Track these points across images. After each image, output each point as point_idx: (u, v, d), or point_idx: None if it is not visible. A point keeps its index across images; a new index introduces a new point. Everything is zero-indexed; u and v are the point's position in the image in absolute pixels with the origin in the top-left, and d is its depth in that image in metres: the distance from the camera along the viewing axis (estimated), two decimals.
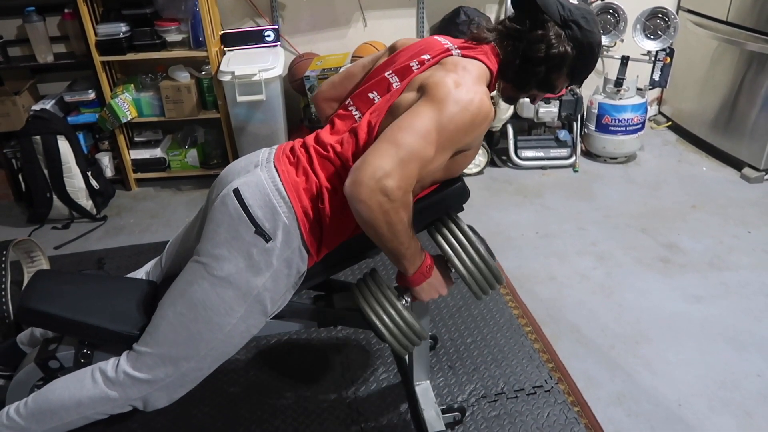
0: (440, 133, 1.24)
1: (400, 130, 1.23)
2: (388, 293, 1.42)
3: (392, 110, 1.34)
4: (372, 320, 1.41)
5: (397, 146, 1.20)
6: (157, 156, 3.27)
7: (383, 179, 1.17)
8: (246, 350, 2.07)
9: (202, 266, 1.33)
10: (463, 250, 1.41)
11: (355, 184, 1.19)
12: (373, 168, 1.18)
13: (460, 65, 1.35)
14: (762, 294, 2.33)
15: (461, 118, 1.26)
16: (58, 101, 3.09)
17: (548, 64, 1.39)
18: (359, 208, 1.20)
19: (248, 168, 1.43)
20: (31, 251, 2.39)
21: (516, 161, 3.39)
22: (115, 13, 2.96)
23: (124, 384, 1.34)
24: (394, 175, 1.18)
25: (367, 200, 1.18)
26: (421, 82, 1.33)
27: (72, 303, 1.41)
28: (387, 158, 1.19)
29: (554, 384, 1.93)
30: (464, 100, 1.26)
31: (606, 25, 3.24)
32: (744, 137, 3.24)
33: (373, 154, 1.21)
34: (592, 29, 1.40)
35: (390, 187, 1.18)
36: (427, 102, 1.27)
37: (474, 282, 1.42)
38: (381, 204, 1.19)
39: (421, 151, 1.22)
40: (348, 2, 3.39)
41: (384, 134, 1.25)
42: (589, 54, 1.42)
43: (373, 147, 1.23)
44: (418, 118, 1.24)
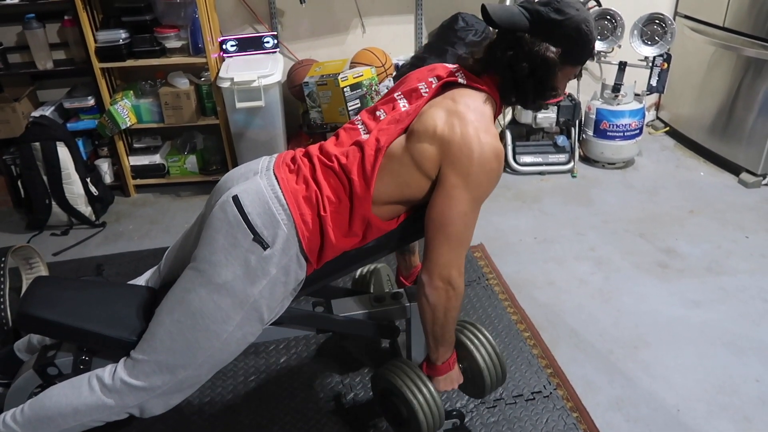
0: (476, 204, 1.37)
1: (445, 225, 1.36)
2: (423, 376, 1.53)
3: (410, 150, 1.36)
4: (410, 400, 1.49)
5: (448, 240, 1.36)
6: (156, 162, 3.28)
7: (448, 273, 1.38)
8: (244, 356, 2.07)
9: (200, 273, 1.34)
10: (483, 347, 1.61)
11: (430, 287, 1.39)
12: (439, 267, 1.37)
13: (471, 106, 1.37)
14: (760, 298, 2.33)
15: (488, 182, 1.36)
16: (57, 108, 3.10)
17: (537, 75, 1.37)
18: (429, 293, 1.40)
19: (248, 175, 1.43)
20: (29, 258, 2.39)
21: (514, 167, 3.40)
22: (114, 20, 2.98)
23: (120, 391, 1.34)
24: (453, 265, 1.38)
25: (437, 290, 1.39)
26: (435, 128, 1.34)
27: (70, 309, 1.41)
28: (444, 254, 1.37)
29: (553, 389, 1.93)
30: (486, 159, 1.33)
31: (603, 31, 3.26)
32: (741, 142, 3.25)
33: (433, 256, 1.38)
34: (569, 14, 1.34)
35: (454, 277, 1.38)
36: (457, 180, 1.33)
37: (491, 377, 1.60)
38: (447, 292, 1.39)
39: (467, 234, 1.39)
40: (347, 9, 3.41)
41: (431, 233, 1.38)
42: (579, 37, 1.36)
43: (430, 248, 1.38)
44: (455, 206, 1.35)
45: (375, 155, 1.36)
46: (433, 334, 1.46)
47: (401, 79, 1.58)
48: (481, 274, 2.51)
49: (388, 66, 3.28)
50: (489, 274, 2.51)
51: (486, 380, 1.60)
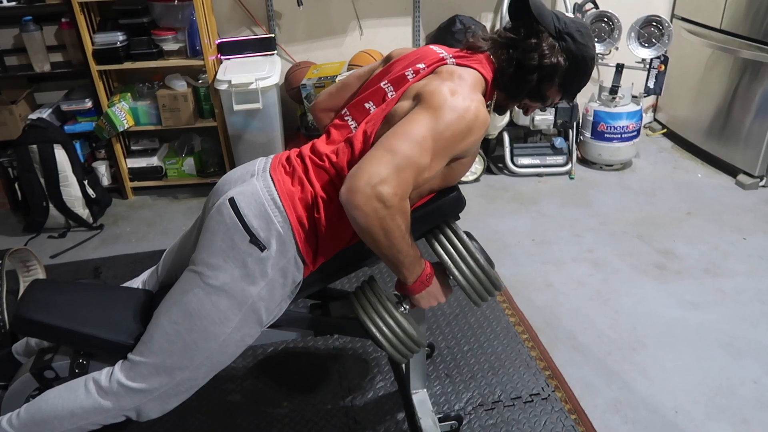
0: (436, 140, 1.24)
1: (396, 137, 1.23)
2: (385, 302, 1.42)
3: (387, 119, 1.35)
4: (370, 329, 1.41)
5: (393, 153, 1.21)
6: (154, 164, 3.28)
7: (379, 186, 1.17)
8: (242, 359, 2.07)
9: (197, 275, 1.33)
10: (461, 258, 1.40)
11: (350, 191, 1.18)
12: (369, 174, 1.18)
13: (456, 74, 1.35)
14: (758, 300, 2.34)
15: (457, 125, 1.26)
16: (54, 110, 3.10)
17: (541, 73, 1.40)
18: (355, 215, 1.20)
19: (244, 177, 1.43)
20: (27, 260, 2.38)
21: (512, 168, 3.40)
22: (112, 23, 2.98)
23: (117, 394, 1.34)
24: (389, 182, 1.18)
25: (363, 207, 1.18)
26: (416, 90, 1.33)
27: (68, 312, 1.41)
28: (383, 165, 1.19)
29: (551, 392, 1.93)
30: (460, 107, 1.27)
31: (601, 33, 3.26)
32: (738, 144, 3.25)
33: (368, 161, 1.21)
34: (586, 43, 1.42)
35: (386, 194, 1.18)
36: (422, 109, 1.27)
37: (472, 290, 1.42)
38: (377, 210, 1.18)
39: (416, 158, 1.22)
40: (344, 11, 3.41)
41: (380, 141, 1.25)
42: (582, 67, 1.43)
43: (369, 154, 1.23)
44: (414, 125, 1.24)
45: (363, 147, 1.36)
46: (384, 258, 1.29)
47: (387, 65, 1.53)
48: None
49: None
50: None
51: (471, 297, 1.43)
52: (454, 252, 1.41)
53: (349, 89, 1.60)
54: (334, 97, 1.63)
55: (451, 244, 1.42)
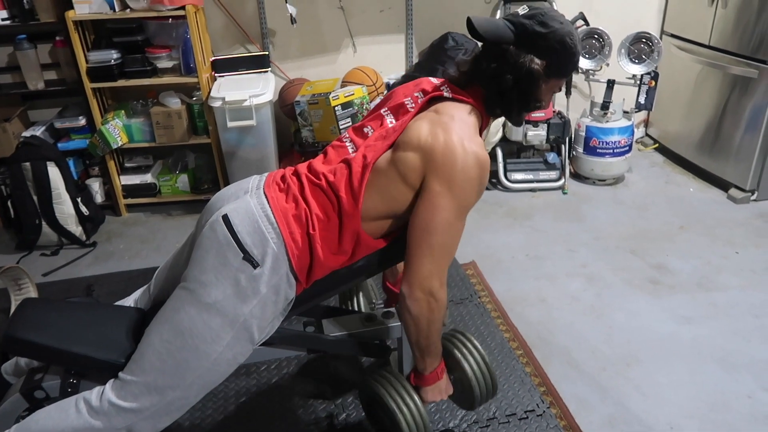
0: (460, 213, 1.35)
1: (428, 234, 1.34)
2: (408, 386, 1.51)
3: (395, 162, 1.36)
4: (394, 410, 1.47)
5: (431, 249, 1.34)
6: (148, 181, 3.27)
7: (429, 284, 1.35)
8: (235, 376, 2.05)
9: (189, 293, 1.33)
10: (472, 357, 1.57)
11: (411, 299, 1.36)
12: (420, 278, 1.35)
13: (456, 116, 1.38)
14: (751, 314, 2.34)
15: (472, 188, 1.34)
16: (48, 128, 3.10)
17: (521, 86, 1.40)
18: (410, 305, 1.37)
19: (238, 194, 1.43)
20: (18, 279, 2.37)
21: (506, 184, 3.41)
22: (106, 41, 2.99)
23: (108, 413, 1.32)
24: (435, 276, 1.35)
25: (420, 300, 1.36)
26: (419, 138, 1.34)
27: (58, 332, 1.40)
28: (427, 265, 1.34)
29: (546, 408, 1.92)
30: (470, 165, 1.32)
31: (591, 49, 3.30)
32: (729, 158, 3.28)
33: (415, 266, 1.35)
34: (552, 28, 1.36)
35: (436, 288, 1.35)
36: (441, 190, 1.32)
37: (480, 388, 1.57)
38: (429, 303, 1.37)
39: (451, 243, 1.37)
40: (337, 28, 3.44)
41: (416, 239, 1.35)
42: (563, 50, 1.39)
43: (412, 258, 1.36)
44: (439, 214, 1.33)
45: (362, 172, 1.37)
46: (417, 345, 1.45)
47: (387, 94, 1.59)
48: (473, 291, 2.51)
49: (379, 85, 3.31)
50: (481, 292, 2.51)
51: (475, 390, 1.57)
52: (467, 351, 1.58)
53: None
54: None
55: (462, 344, 1.59)
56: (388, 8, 3.44)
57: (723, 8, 3.18)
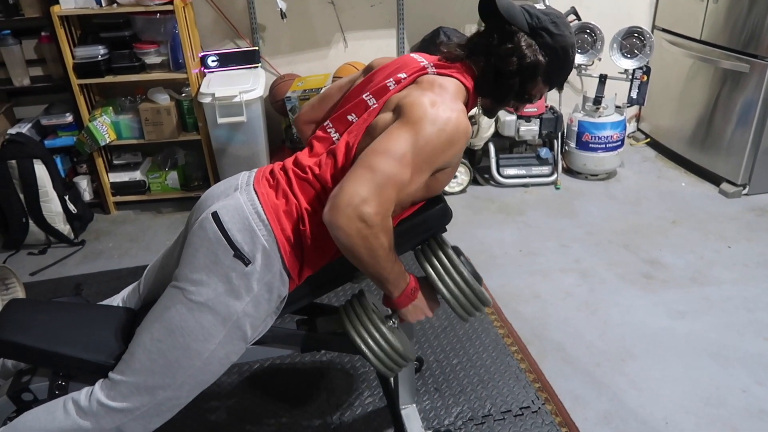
0: (417, 155, 1.24)
1: (376, 154, 1.23)
2: (372, 316, 1.40)
3: (369, 131, 1.33)
4: (357, 342, 1.39)
5: (373, 171, 1.20)
6: (137, 179, 3.23)
7: (360, 206, 1.17)
8: (227, 376, 2.03)
9: (180, 291, 1.30)
10: (447, 273, 1.39)
11: (333, 212, 1.19)
12: (350, 194, 1.18)
13: (437, 83, 1.34)
14: (744, 308, 2.34)
15: (437, 139, 1.25)
16: (34, 125, 3.05)
17: (522, 75, 1.39)
18: (338, 235, 1.20)
19: (228, 192, 1.41)
20: (5, 278, 2.33)
21: (498, 179, 3.40)
22: (93, 36, 2.94)
23: (97, 414, 1.30)
24: (371, 201, 1.18)
25: (345, 227, 1.18)
26: (397, 101, 1.32)
27: (45, 333, 1.37)
28: (363, 184, 1.19)
29: (541, 404, 1.92)
30: (441, 119, 1.25)
31: (583, 44, 3.29)
32: (721, 153, 3.29)
33: (349, 181, 1.20)
34: (563, 32, 1.39)
35: (368, 213, 1.18)
36: (402, 124, 1.26)
37: (458, 305, 1.41)
38: (359, 230, 1.19)
39: (397, 176, 1.22)
40: (328, 23, 3.41)
41: (360, 159, 1.24)
42: (564, 58, 1.41)
43: (350, 173, 1.22)
44: (394, 141, 1.23)
45: (346, 157, 1.34)
46: (369, 275, 1.30)
47: (368, 75, 1.51)
48: None
49: None
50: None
51: (457, 311, 1.41)
52: (441, 267, 1.40)
53: (331, 100, 1.59)
54: (316, 109, 1.62)
55: (437, 259, 1.40)
56: (378, 3, 3.41)
57: (714, 3, 3.18)
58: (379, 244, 1.22)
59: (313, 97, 1.66)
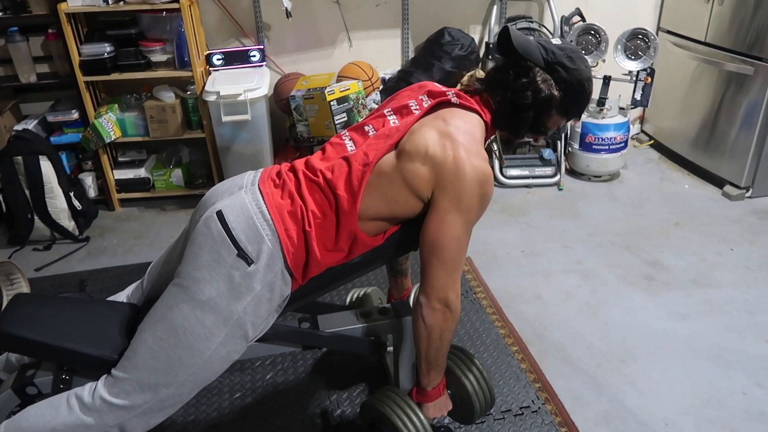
0: (468, 227, 1.38)
1: (439, 249, 1.36)
2: (412, 404, 1.52)
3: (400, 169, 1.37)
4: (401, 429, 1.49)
5: (444, 263, 1.37)
6: (142, 176, 3.25)
7: (445, 295, 1.38)
8: (229, 373, 2.04)
9: (183, 289, 1.32)
10: (481, 388, 1.60)
11: (428, 309, 1.39)
12: (436, 290, 1.38)
13: (462, 128, 1.38)
14: (745, 311, 2.35)
15: (480, 204, 1.37)
16: (40, 121, 3.07)
17: (536, 109, 1.43)
18: (425, 314, 1.40)
19: (232, 190, 1.42)
20: (10, 274, 2.35)
21: (501, 180, 3.41)
22: (99, 34, 2.96)
23: (100, 410, 1.31)
24: (450, 288, 1.38)
25: (435, 311, 1.39)
26: (427, 148, 1.35)
27: (50, 328, 1.38)
28: (441, 278, 1.37)
29: (541, 404, 1.92)
30: (477, 181, 1.34)
31: (588, 45, 3.29)
32: (725, 155, 3.28)
33: (435, 278, 1.38)
34: (578, 66, 1.43)
35: (452, 299, 1.39)
36: (448, 206, 1.34)
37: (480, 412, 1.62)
38: (445, 314, 1.39)
39: (461, 256, 1.39)
40: (333, 23, 3.42)
41: (430, 255, 1.37)
42: (580, 91, 1.45)
43: (427, 271, 1.39)
44: (450, 230, 1.35)
45: (363, 170, 1.36)
46: (426, 358, 1.46)
47: (391, 96, 1.58)
48: (469, 287, 2.51)
49: (375, 80, 3.29)
50: (476, 288, 2.50)
51: (475, 406, 1.60)
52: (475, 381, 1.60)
53: None
54: None
55: (472, 374, 1.61)
56: (383, 3, 3.42)
57: (719, 5, 3.18)
58: (452, 328, 1.43)
59: None
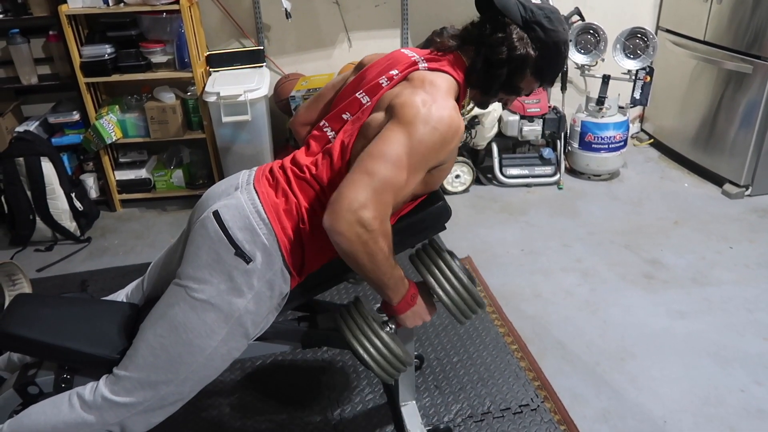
0: (411, 156, 1.25)
1: (372, 158, 1.24)
2: (371, 322, 1.41)
3: (363, 130, 1.34)
4: (357, 350, 1.40)
5: (370, 176, 1.21)
6: (143, 177, 3.26)
7: (359, 211, 1.19)
8: (229, 372, 2.05)
9: (183, 289, 1.33)
10: (445, 278, 1.42)
11: (332, 217, 1.20)
12: (349, 200, 1.19)
13: (428, 80, 1.34)
14: (744, 309, 2.35)
15: (431, 138, 1.26)
16: (42, 123, 3.08)
17: (510, 66, 1.38)
18: (338, 240, 1.21)
19: (228, 191, 1.43)
20: (12, 274, 2.36)
21: (501, 179, 3.41)
22: (100, 35, 2.97)
23: (101, 408, 1.32)
24: (369, 206, 1.19)
25: (345, 233, 1.19)
26: (389, 101, 1.33)
27: (51, 327, 1.39)
28: (361, 189, 1.20)
29: (540, 402, 1.93)
30: (433, 118, 1.26)
31: (587, 44, 3.30)
32: (724, 154, 3.29)
33: (347, 186, 1.22)
34: (556, 28, 1.39)
35: (367, 218, 1.19)
36: (395, 125, 1.26)
37: (457, 310, 1.43)
38: (359, 235, 1.20)
39: (394, 179, 1.23)
40: (333, 23, 3.43)
41: (356, 164, 1.25)
42: (555, 53, 1.41)
43: (347, 178, 1.24)
44: (388, 144, 1.24)
45: (342, 156, 1.35)
46: (368, 280, 1.31)
47: (360, 72, 1.52)
48: None
49: None
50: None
51: (455, 315, 1.45)
52: (439, 273, 1.42)
53: (324, 99, 1.61)
54: (311, 109, 1.64)
55: (435, 265, 1.42)
56: (383, 3, 3.43)
57: (718, 4, 3.18)
58: (378, 249, 1.23)
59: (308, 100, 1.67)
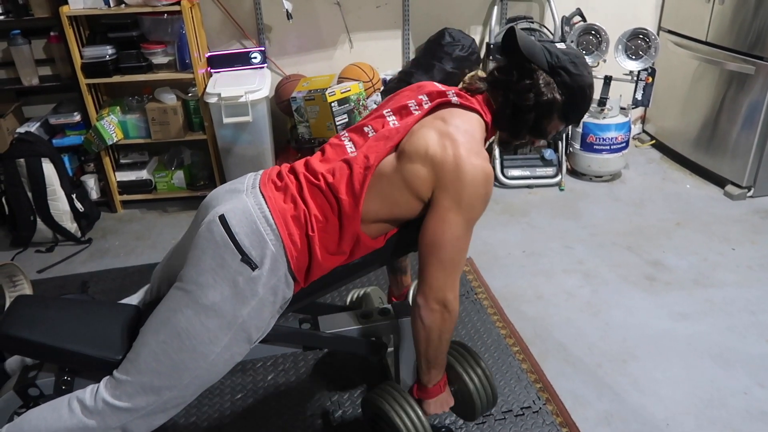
0: (468, 227, 1.37)
1: (438, 248, 1.35)
2: (411, 401, 1.52)
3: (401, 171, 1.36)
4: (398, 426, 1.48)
5: (443, 263, 1.36)
6: (144, 178, 3.26)
7: (443, 296, 1.37)
8: (231, 374, 2.04)
9: (186, 293, 1.31)
10: (483, 387, 1.59)
11: (426, 309, 1.38)
12: (434, 290, 1.37)
13: (462, 126, 1.38)
14: (747, 311, 2.34)
15: (481, 203, 1.36)
16: (43, 124, 3.08)
17: (538, 111, 1.42)
18: (425, 324, 1.39)
19: (233, 194, 1.42)
20: (13, 275, 2.36)
21: (502, 180, 3.41)
22: (101, 36, 2.97)
23: (102, 413, 1.31)
24: (449, 288, 1.37)
25: (433, 312, 1.38)
26: (430, 152, 1.34)
27: (52, 329, 1.39)
28: (440, 277, 1.36)
29: (542, 404, 1.92)
30: (478, 181, 1.33)
31: (588, 45, 3.29)
32: (726, 155, 3.28)
33: (432, 277, 1.37)
34: (581, 72, 1.43)
35: (450, 300, 1.38)
36: (452, 205, 1.33)
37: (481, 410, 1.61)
38: (443, 315, 1.39)
39: (461, 257, 1.38)
40: (334, 24, 3.42)
41: (430, 255, 1.36)
42: (581, 97, 1.45)
43: (425, 271, 1.38)
44: (448, 229, 1.34)
45: (364, 173, 1.36)
46: (426, 357, 1.46)
47: (389, 96, 1.57)
48: (470, 288, 2.51)
49: (376, 81, 3.30)
50: (478, 288, 2.51)
51: (476, 403, 1.59)
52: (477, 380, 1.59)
53: None
54: None
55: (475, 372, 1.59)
56: (384, 4, 3.42)
57: (720, 4, 3.18)
58: (451, 329, 1.42)
59: None
